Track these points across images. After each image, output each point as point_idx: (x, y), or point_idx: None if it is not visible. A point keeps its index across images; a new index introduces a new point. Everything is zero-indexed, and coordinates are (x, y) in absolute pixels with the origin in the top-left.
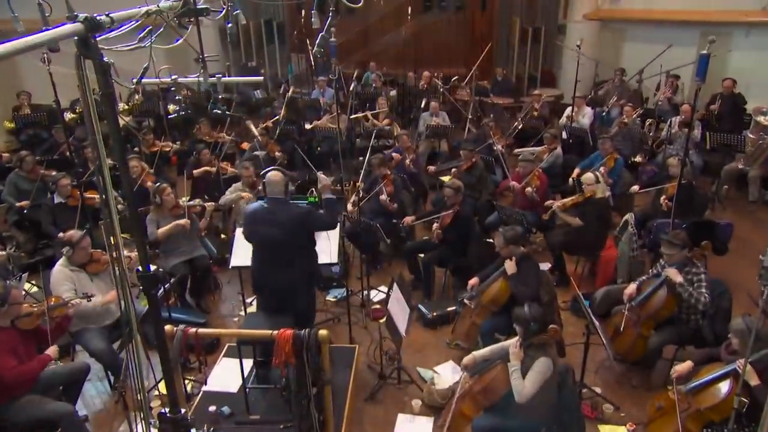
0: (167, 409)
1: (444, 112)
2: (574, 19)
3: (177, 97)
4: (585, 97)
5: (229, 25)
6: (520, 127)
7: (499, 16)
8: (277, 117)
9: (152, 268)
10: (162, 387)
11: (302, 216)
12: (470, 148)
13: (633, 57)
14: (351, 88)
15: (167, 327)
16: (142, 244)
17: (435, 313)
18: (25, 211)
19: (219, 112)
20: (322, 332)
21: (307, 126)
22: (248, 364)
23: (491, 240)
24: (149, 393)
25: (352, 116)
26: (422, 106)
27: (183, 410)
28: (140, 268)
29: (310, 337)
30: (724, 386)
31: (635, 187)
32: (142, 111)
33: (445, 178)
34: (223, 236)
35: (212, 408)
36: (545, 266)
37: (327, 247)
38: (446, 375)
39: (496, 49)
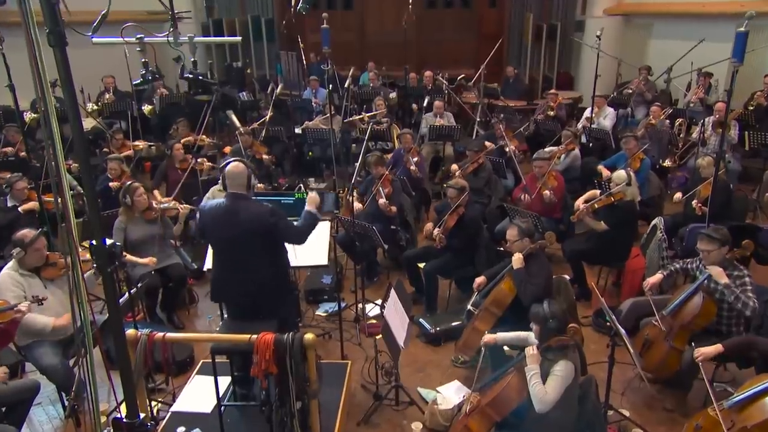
0: (123, 414)
1: (449, 113)
2: (594, 14)
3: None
4: (606, 96)
5: None
6: (533, 127)
7: (511, 12)
8: (264, 118)
9: (108, 241)
10: (124, 409)
11: (265, 216)
12: (476, 148)
13: (660, 54)
14: (346, 84)
15: (130, 331)
16: (95, 209)
17: (438, 328)
18: None
19: (191, 76)
20: (308, 336)
21: (297, 130)
22: (225, 382)
23: (501, 248)
24: (109, 417)
25: (347, 120)
26: (424, 105)
27: (142, 415)
28: (94, 241)
29: (294, 341)
30: None
31: (678, 195)
32: (112, 112)
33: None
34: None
35: (181, 429)
36: (565, 277)
37: (314, 247)
38: (451, 395)
39: (507, 48)
